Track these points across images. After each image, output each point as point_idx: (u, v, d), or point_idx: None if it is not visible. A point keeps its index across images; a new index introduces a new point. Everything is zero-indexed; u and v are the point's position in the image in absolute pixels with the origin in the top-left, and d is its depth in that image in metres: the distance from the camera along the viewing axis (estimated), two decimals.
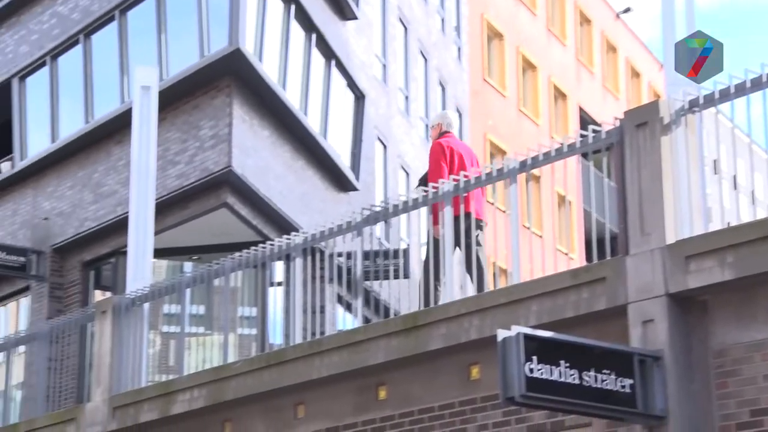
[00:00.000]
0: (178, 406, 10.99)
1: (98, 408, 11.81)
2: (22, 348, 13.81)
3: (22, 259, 18.86)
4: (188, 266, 18.00)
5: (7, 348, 13.63)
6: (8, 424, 13.23)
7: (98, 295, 18.43)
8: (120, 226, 17.34)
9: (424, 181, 10.43)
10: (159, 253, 14.83)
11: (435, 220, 9.76)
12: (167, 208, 16.96)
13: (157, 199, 14.06)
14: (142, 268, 12.60)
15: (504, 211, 9.30)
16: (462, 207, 9.57)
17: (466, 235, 9.75)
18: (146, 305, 11.94)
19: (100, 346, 12.04)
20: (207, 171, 16.84)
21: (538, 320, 8.20)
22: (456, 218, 9.42)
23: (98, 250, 18.53)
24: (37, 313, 18.68)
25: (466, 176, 9.48)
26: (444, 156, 10.43)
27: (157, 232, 13.88)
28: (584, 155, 9.05)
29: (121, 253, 17.66)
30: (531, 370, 7.06)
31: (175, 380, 11.20)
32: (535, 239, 26.87)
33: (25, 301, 19.62)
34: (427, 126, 26.22)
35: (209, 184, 16.89)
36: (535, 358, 7.09)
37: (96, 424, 11.79)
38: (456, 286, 9.52)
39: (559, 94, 34.16)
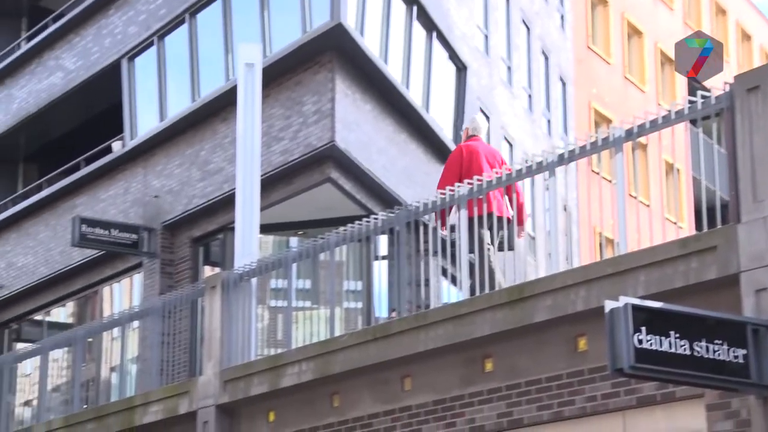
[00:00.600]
0: (286, 379, 11.04)
1: (210, 381, 11.93)
2: (136, 323, 13.99)
3: (134, 236, 19.11)
4: (294, 241, 18.03)
5: (122, 323, 13.81)
6: (125, 397, 13.45)
7: (207, 271, 18.57)
8: (227, 202, 17.49)
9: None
10: (265, 228, 14.90)
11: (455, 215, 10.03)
12: (272, 184, 17.02)
13: (262, 176, 14.10)
14: (249, 244, 12.64)
15: (610, 181, 9.12)
16: (485, 207, 9.97)
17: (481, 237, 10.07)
18: (254, 280, 11.99)
19: (210, 320, 12.14)
20: (311, 146, 16.86)
21: (646, 291, 8.04)
22: (479, 218, 9.85)
23: (206, 227, 18.70)
24: (150, 289, 18.95)
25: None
26: (460, 159, 10.86)
27: (263, 208, 13.93)
28: (693, 122, 8.80)
29: (228, 229, 17.80)
30: (640, 341, 6.93)
31: (284, 354, 11.24)
32: (642, 208, 26.42)
33: (137, 278, 19.92)
34: (530, 96, 25.91)
35: (313, 160, 16.91)
36: (643, 329, 6.95)
37: (208, 397, 11.90)
38: (561, 257, 9.37)
39: (667, 60, 33.43)
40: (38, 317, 22.75)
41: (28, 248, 22.41)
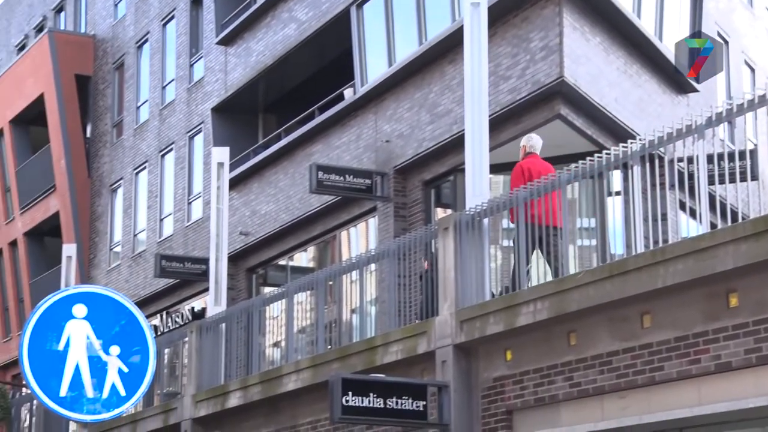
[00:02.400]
0: (522, 318, 10.86)
1: (446, 321, 11.88)
2: (373, 266, 14.07)
3: (367, 181, 19.25)
4: None
5: (360, 266, 13.91)
6: (366, 338, 13.58)
7: (439, 213, 18.57)
8: (456, 144, 17.35)
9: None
10: (495, 168, 14.71)
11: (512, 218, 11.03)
12: (501, 123, 16.77)
13: (490, 116, 13.89)
14: (479, 185, 12.51)
15: None
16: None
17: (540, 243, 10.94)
18: (486, 220, 11.84)
19: (444, 261, 12.08)
20: (539, 83, 16.46)
21: None
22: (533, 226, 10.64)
23: (437, 169, 18.63)
24: (384, 232, 19.07)
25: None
26: (522, 178, 11.84)
27: (492, 148, 13.74)
28: None
29: (458, 170, 17.69)
30: None
31: (519, 293, 11.06)
32: None
33: (372, 222, 20.09)
34: None
35: (542, 97, 16.52)
36: None
37: (445, 337, 11.87)
38: None
39: None
40: (282, 262, 23.32)
41: (269, 196, 22.94)
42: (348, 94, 20.92)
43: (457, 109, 17.74)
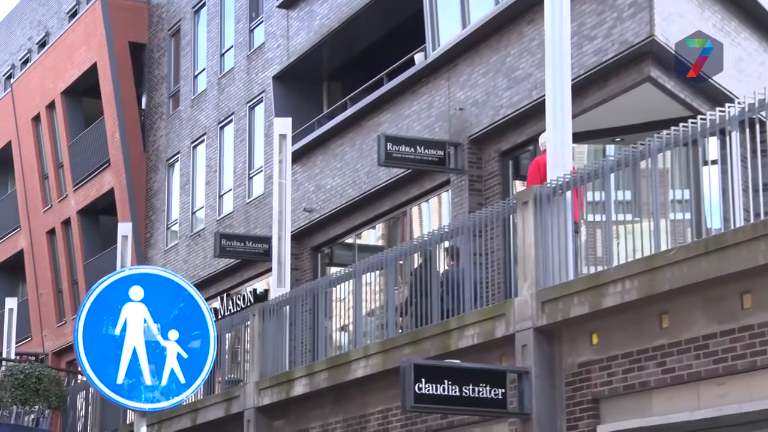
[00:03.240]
0: (609, 299, 10.74)
1: (526, 302, 11.81)
2: (446, 243, 14.02)
3: (440, 152, 19.19)
4: (611, 149, 17.63)
5: (432, 244, 13.84)
6: (439, 322, 13.52)
7: (518, 186, 18.45)
8: (536, 111, 17.19)
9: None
10: (579, 137, 14.57)
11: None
12: (585, 87, 16.58)
13: (573, 79, 13.75)
14: (561, 155, 12.39)
15: None
16: None
17: None
18: (568, 193, 11.74)
19: (523, 238, 12.01)
20: (627, 43, 16.23)
21: None
22: None
23: (515, 139, 18.50)
24: (458, 207, 19.00)
25: None
26: (538, 174, 12.83)
27: (575, 115, 13.60)
28: None
29: (538, 140, 17.52)
30: None
31: (605, 272, 10.95)
32: None
33: (445, 196, 20.02)
34: None
35: (630, 58, 16.29)
36: None
37: (525, 320, 11.79)
38: None
39: None
40: (349, 240, 23.35)
41: (335, 170, 22.97)
42: (419, 58, 20.84)
43: (536, 73, 17.58)
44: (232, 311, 25.92)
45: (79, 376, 26.14)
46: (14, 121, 37.62)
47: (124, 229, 23.89)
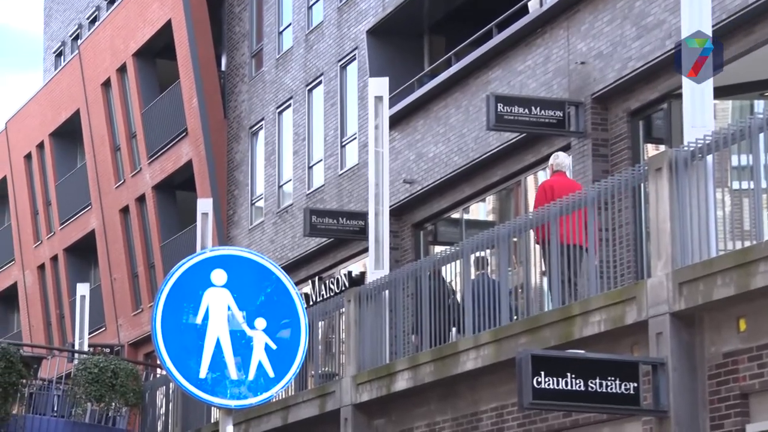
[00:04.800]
0: (758, 278, 10.62)
1: (661, 284, 11.69)
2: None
3: (558, 113, 19.08)
4: (759, 105, 17.33)
5: (550, 218, 13.71)
6: (560, 306, 13.42)
7: (650, 150, 18.29)
8: (671, 63, 16.91)
9: None
10: (721, 91, 14.31)
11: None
12: (727, 35, 16.34)
13: (714, 26, 13.50)
14: (701, 113, 12.27)
15: None
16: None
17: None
18: (709, 157, 11.60)
19: (656, 210, 11.90)
20: None
21: None
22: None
23: (646, 96, 18.30)
24: (581, 175, 18.85)
25: None
26: (545, 197, 14.37)
27: (716, 67, 13.33)
28: None
29: (674, 96, 17.37)
30: None
31: (753, 247, 10.75)
32: None
33: None
34: None
35: None
36: None
37: (660, 303, 11.67)
38: None
39: None
40: (455, 215, 23.32)
41: (438, 135, 22.92)
42: (533, 6, 20.69)
43: (671, 20, 17.34)
44: (325, 297, 26.04)
45: (158, 370, 26.48)
46: (83, 86, 38.18)
47: (204, 205, 24.10)
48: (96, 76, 37.37)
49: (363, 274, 25.25)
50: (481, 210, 22.93)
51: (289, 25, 29.54)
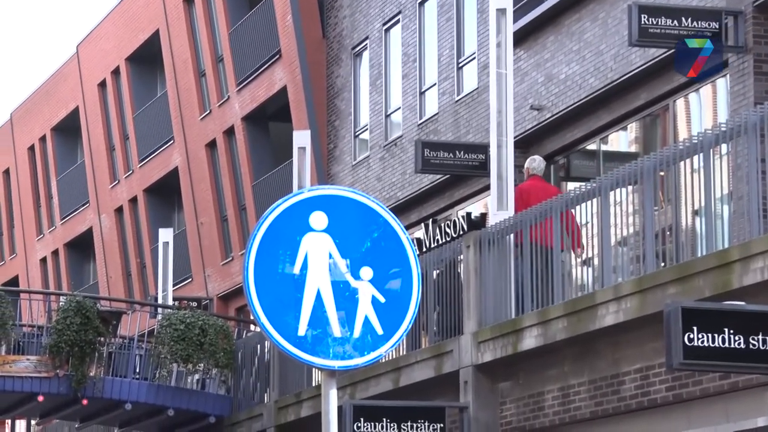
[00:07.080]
0: None
1: None
2: (724, 147, 13.86)
3: (714, 24, 18.77)
4: None
5: (704, 148, 13.70)
6: (715, 251, 13.35)
7: None
8: None
9: None
10: None
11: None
12: None
13: None
14: None
15: None
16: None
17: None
18: None
19: None
20: None
21: None
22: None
23: None
24: (739, 97, 18.58)
25: None
26: (521, 202, 17.03)
27: None
28: None
29: None
30: None
31: None
32: None
33: (722, 83, 19.69)
34: None
35: None
36: None
37: None
38: None
39: None
40: (591, 146, 23.17)
41: (571, 53, 22.75)
42: None
43: None
44: (440, 242, 26.05)
45: (252, 327, 26.77)
46: (162, 2, 38.42)
47: (301, 138, 24.19)
48: None
49: (484, 216, 25.20)
50: (622, 140, 22.76)
51: None
